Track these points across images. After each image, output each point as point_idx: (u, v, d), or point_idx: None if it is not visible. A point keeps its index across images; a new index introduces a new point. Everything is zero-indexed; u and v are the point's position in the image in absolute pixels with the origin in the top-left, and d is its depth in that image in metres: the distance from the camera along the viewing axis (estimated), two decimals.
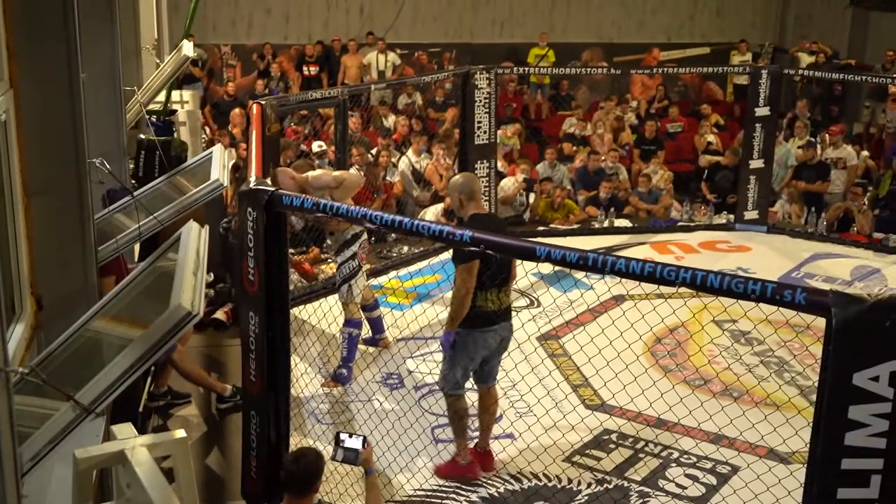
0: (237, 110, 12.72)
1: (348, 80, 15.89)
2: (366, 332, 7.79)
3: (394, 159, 11.79)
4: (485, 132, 10.62)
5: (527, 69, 15.74)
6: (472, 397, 6.16)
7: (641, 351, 7.46)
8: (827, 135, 12.64)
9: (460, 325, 5.78)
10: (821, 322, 3.43)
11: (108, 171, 5.33)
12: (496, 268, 5.67)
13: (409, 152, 11.79)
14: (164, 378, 6.95)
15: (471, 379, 6.05)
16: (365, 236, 7.47)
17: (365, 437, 4.93)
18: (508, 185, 11.44)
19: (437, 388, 6.23)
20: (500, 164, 11.64)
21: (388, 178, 11.32)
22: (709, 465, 6.21)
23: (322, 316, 7.53)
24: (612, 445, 6.46)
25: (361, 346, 7.88)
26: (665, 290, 4.19)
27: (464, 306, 5.70)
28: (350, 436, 4.91)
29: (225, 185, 6.30)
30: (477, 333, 5.81)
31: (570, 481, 6.03)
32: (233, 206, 8.54)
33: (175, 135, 10.48)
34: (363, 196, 10.49)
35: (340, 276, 7.44)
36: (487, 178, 10.74)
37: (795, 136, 12.52)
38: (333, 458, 4.88)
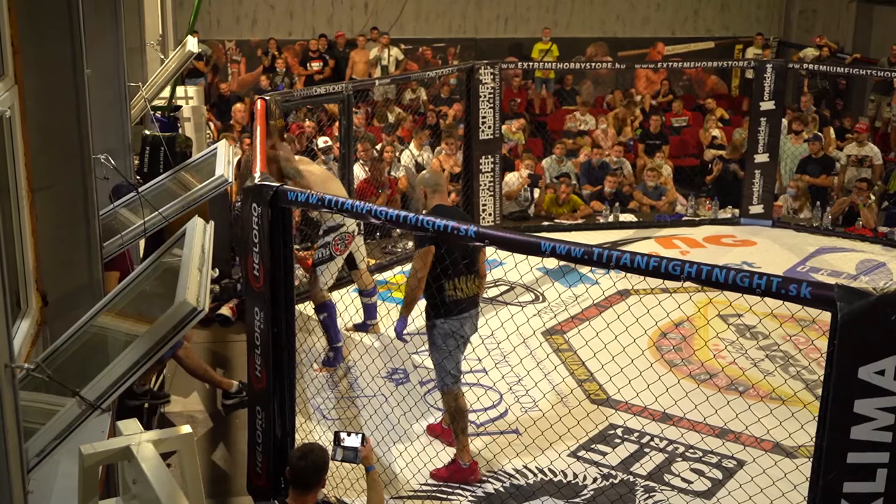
0: (238, 105, 12.71)
1: (356, 75, 15.88)
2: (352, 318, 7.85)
3: (397, 154, 11.78)
4: (489, 127, 10.61)
5: (531, 64, 15.73)
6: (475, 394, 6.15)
7: (647, 346, 7.47)
8: (854, 131, 12.54)
9: (435, 318, 5.90)
10: (826, 316, 3.43)
11: (113, 166, 5.34)
12: (460, 256, 5.78)
13: (411, 146, 11.79)
14: (147, 377, 6.87)
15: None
16: (346, 230, 7.47)
17: (364, 435, 4.92)
18: (513, 180, 11.43)
19: (437, 388, 6.23)
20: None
21: (392, 173, 11.32)
22: (714, 459, 6.21)
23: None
24: (617, 440, 6.46)
25: (366, 341, 7.91)
26: (670, 284, 4.19)
27: (418, 289, 5.86)
28: (349, 434, 4.90)
29: (230, 180, 6.30)
30: (452, 321, 5.92)
31: (575, 476, 6.04)
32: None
33: (179, 130, 10.50)
34: (368, 192, 10.49)
35: (314, 259, 7.60)
36: (492, 174, 10.74)
37: (793, 131, 12.46)
38: (333, 458, 4.87)
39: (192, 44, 10.40)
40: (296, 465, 4.60)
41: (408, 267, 9.47)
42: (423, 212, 6.08)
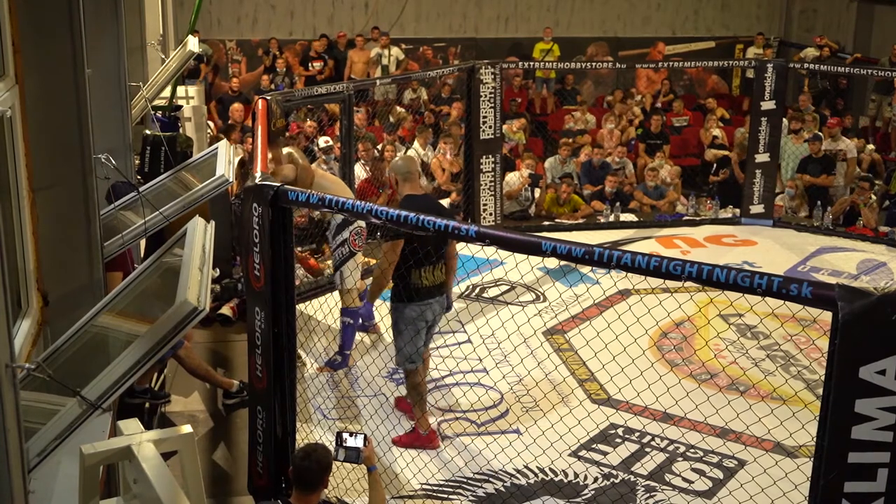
0: (236, 105, 12.72)
1: (355, 74, 15.87)
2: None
3: (399, 153, 11.78)
4: (490, 127, 10.61)
5: (532, 64, 15.72)
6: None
7: (647, 345, 7.47)
8: (825, 127, 12.62)
9: (399, 301, 6.12)
10: (827, 316, 3.43)
11: (114, 166, 5.34)
12: (425, 247, 5.90)
13: (416, 144, 11.79)
14: (147, 376, 6.87)
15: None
16: (359, 224, 7.47)
17: (366, 436, 4.92)
18: (513, 180, 11.43)
19: (395, 365, 6.56)
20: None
21: None
22: (715, 459, 6.20)
23: (328, 311, 7.55)
24: (618, 440, 6.46)
25: (367, 341, 7.90)
26: (671, 284, 4.18)
27: (384, 279, 6.10)
28: (351, 434, 4.91)
29: (230, 180, 6.30)
30: (414, 306, 6.11)
31: (576, 476, 6.03)
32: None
33: (180, 130, 10.50)
34: (369, 191, 10.49)
35: (334, 261, 7.62)
36: (493, 174, 10.74)
37: (792, 130, 12.46)
38: (335, 458, 4.87)
39: (193, 43, 10.40)
40: (299, 464, 4.59)
41: None
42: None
